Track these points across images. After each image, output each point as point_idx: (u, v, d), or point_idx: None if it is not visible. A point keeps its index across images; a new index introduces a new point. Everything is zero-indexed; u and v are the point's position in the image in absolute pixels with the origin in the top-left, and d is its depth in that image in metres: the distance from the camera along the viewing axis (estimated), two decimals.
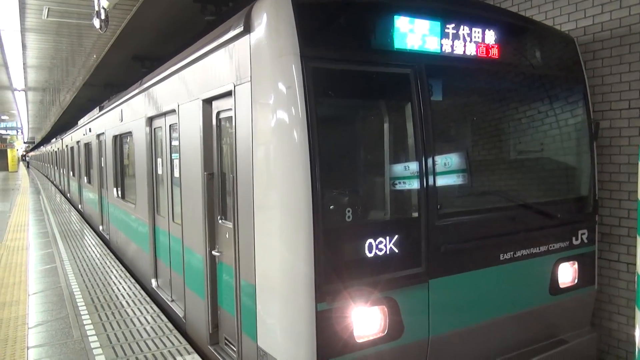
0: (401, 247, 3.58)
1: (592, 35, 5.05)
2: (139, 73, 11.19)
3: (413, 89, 3.70)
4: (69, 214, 15.89)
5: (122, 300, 6.43)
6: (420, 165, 3.70)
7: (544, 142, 4.74)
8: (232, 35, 3.81)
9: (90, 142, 12.85)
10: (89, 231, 12.26)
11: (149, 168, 6.75)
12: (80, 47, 11.34)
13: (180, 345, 4.94)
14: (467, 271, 3.96)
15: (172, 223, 5.97)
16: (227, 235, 4.39)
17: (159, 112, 6.10)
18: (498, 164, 4.68)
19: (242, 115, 3.78)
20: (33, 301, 6.52)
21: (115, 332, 5.34)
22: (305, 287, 3.25)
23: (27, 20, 9.08)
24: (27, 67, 13.98)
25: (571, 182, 4.92)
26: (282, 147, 3.31)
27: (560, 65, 4.78)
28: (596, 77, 5.03)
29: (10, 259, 9.24)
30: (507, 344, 4.30)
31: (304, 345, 3.29)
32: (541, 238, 4.40)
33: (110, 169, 9.77)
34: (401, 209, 3.94)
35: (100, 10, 6.95)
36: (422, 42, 3.74)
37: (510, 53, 4.34)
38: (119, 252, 9.57)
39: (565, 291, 4.63)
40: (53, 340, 5.16)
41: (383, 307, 3.55)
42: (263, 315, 3.62)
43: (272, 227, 3.46)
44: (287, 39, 3.26)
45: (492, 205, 4.27)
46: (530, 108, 4.61)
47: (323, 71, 3.36)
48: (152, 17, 8.92)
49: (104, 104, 10.90)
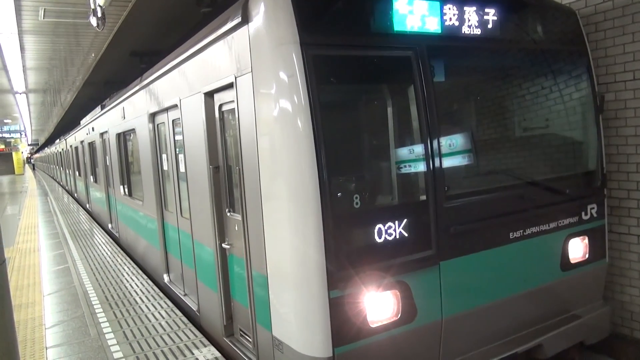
0: (410, 231, 3.58)
1: (593, 7, 4.97)
2: (138, 69, 11.17)
3: (415, 71, 3.67)
4: (78, 213, 15.99)
5: (136, 297, 6.49)
6: (426, 148, 3.69)
7: (549, 118, 4.70)
8: (231, 27, 3.78)
9: (94, 141, 12.87)
10: (98, 230, 12.34)
11: (155, 164, 6.76)
12: (78, 46, 11.31)
13: (196, 339, 4.99)
14: (478, 251, 3.97)
15: (180, 218, 6.00)
16: (236, 227, 4.40)
17: (161, 107, 6.09)
18: (504, 142, 4.65)
19: (244, 106, 3.77)
20: (48, 302, 6.60)
21: (131, 328, 5.40)
22: (317, 275, 3.26)
23: (23, 22, 9.06)
24: (27, 70, 13.98)
25: (578, 157, 4.89)
26: (287, 137, 3.30)
27: (562, 39, 4.72)
28: (599, 49, 4.97)
29: (23, 261, 9.33)
30: (520, 321, 4.32)
31: (318, 333, 3.32)
32: (550, 215, 4.39)
33: (115, 167, 9.80)
34: (409, 193, 3.94)
35: (97, 8, 6.94)
36: (422, 23, 3.70)
37: (511, 29, 4.29)
38: (129, 249, 9.63)
39: (577, 266, 4.63)
40: (71, 340, 5.22)
41: (395, 292, 3.57)
42: (276, 305, 3.65)
43: (280, 217, 3.46)
44: (286, 28, 3.24)
45: (500, 184, 4.26)
46: (533, 84, 4.56)
47: (324, 58, 3.34)
48: (148, 12, 8.87)
49: (106, 102, 10.89)
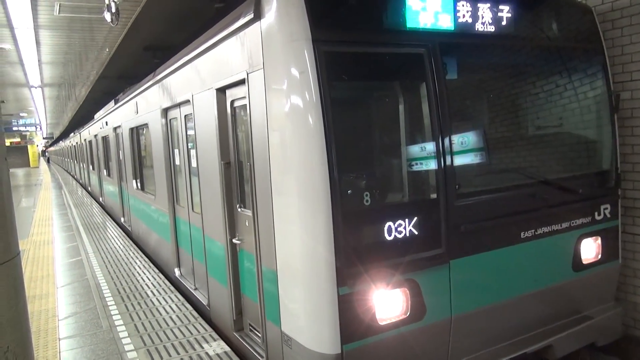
0: (421, 229, 3.57)
1: (610, 4, 4.89)
2: (151, 63, 11.24)
3: (427, 69, 3.65)
4: (91, 207, 16.17)
5: (147, 290, 6.56)
6: (437, 146, 3.67)
7: (563, 117, 4.64)
8: (243, 23, 3.79)
9: (107, 135, 12.99)
10: (111, 223, 12.48)
11: (167, 159, 6.81)
12: (93, 41, 11.41)
13: (206, 333, 5.03)
14: (488, 250, 3.94)
15: (192, 213, 6.04)
16: (247, 223, 4.42)
17: (174, 103, 6.12)
18: (516, 140, 4.61)
19: (256, 102, 3.78)
20: (62, 293, 6.69)
21: (142, 321, 5.46)
22: (326, 272, 3.27)
23: (39, 17, 9.15)
24: (42, 64, 14.12)
25: (592, 156, 4.83)
26: (298, 133, 3.31)
27: (577, 36, 4.66)
28: (616, 47, 4.89)
29: (37, 252, 9.47)
30: (530, 321, 4.29)
31: (327, 329, 3.33)
32: (563, 214, 4.34)
33: (128, 162, 9.88)
34: (419, 191, 3.92)
35: (111, 4, 6.98)
36: (434, 20, 3.68)
37: (525, 26, 4.24)
38: (141, 242, 9.73)
39: (589, 267, 4.58)
40: (83, 331, 5.30)
41: (404, 289, 3.56)
42: (285, 301, 3.66)
43: (291, 213, 3.47)
44: (298, 24, 3.23)
45: (512, 183, 4.22)
46: (548, 82, 4.51)
47: (336, 54, 3.33)
48: (162, 7, 8.92)
49: (119, 97, 10.98)
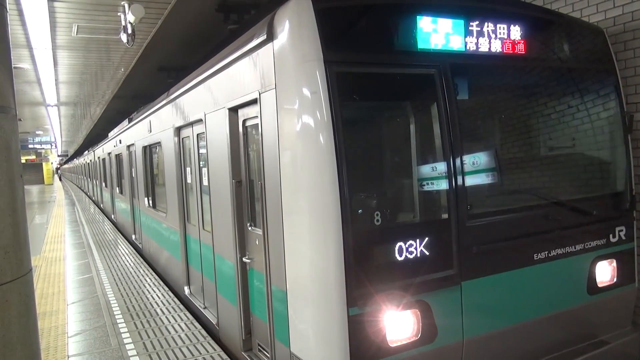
0: (432, 250, 3.54)
1: (622, 25, 4.90)
2: (165, 83, 11.43)
3: (438, 89, 3.66)
4: (103, 224, 16.28)
5: (157, 308, 6.55)
6: (449, 166, 3.66)
7: (575, 138, 4.62)
8: (256, 44, 3.84)
9: (121, 153, 13.14)
10: (122, 240, 12.54)
11: (179, 177, 6.86)
12: (109, 61, 11.65)
13: (215, 352, 4.99)
14: (501, 272, 3.89)
15: (202, 231, 6.05)
16: (257, 241, 4.42)
17: (187, 122, 6.20)
18: (529, 161, 4.58)
19: (268, 122, 3.81)
20: (72, 310, 6.71)
21: (151, 340, 5.44)
22: (336, 292, 3.24)
23: (57, 38, 9.38)
24: (59, 83, 14.42)
25: (606, 178, 4.78)
26: (309, 153, 3.32)
27: (589, 57, 4.66)
28: (628, 68, 4.88)
29: (49, 269, 9.52)
30: (544, 346, 4.20)
31: (336, 351, 3.28)
32: (576, 236, 4.28)
33: (141, 179, 9.97)
34: (430, 211, 3.90)
35: (127, 25, 7.14)
36: (445, 41, 3.70)
37: (537, 48, 4.25)
38: (152, 260, 9.75)
39: (604, 290, 4.49)
40: (92, 349, 5.29)
41: (415, 311, 3.51)
42: (295, 321, 3.63)
43: (301, 233, 3.47)
44: (310, 45, 3.27)
45: (524, 204, 4.18)
46: (560, 103, 4.50)
47: (347, 75, 3.36)
48: (177, 29, 9.10)
49: (133, 116, 11.13)
